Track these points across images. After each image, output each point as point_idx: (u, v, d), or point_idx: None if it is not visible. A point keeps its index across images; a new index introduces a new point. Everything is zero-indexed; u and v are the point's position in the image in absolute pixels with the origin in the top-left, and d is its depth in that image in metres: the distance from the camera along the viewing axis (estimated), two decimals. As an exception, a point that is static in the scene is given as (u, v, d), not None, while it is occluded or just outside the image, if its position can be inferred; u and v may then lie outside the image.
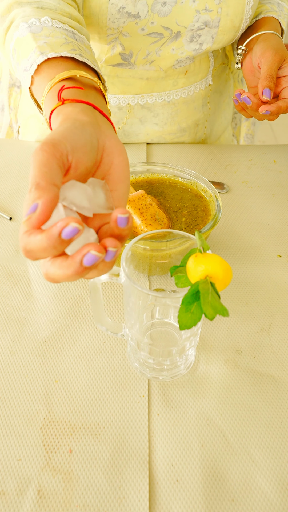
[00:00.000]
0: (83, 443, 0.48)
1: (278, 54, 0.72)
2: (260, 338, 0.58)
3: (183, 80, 0.85)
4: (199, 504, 0.44)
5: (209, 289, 0.40)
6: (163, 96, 0.85)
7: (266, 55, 0.73)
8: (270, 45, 0.74)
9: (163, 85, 0.84)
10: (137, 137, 0.91)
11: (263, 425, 0.50)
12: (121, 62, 0.79)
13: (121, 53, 0.77)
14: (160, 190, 0.71)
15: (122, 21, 0.72)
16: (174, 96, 0.85)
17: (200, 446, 0.48)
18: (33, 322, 0.60)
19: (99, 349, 0.57)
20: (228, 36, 0.79)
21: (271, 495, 0.45)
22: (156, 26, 0.73)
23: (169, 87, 0.84)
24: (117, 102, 0.85)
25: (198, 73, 0.86)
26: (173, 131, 0.91)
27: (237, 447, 0.48)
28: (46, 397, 0.52)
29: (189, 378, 0.54)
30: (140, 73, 0.81)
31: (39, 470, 0.46)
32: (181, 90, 0.85)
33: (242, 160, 0.90)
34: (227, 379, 0.54)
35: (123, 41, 0.75)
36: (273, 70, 0.71)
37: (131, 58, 0.78)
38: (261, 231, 0.74)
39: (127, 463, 0.47)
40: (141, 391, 0.53)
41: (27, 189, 0.81)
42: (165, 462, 0.47)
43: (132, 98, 0.84)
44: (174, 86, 0.85)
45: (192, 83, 0.86)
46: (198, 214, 0.67)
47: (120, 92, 0.84)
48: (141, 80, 0.82)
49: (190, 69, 0.84)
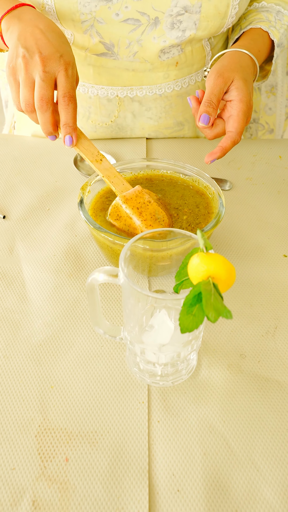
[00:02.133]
0: (80, 451, 0.48)
1: (221, 77, 0.69)
2: (265, 341, 0.58)
3: (175, 72, 0.84)
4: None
5: (211, 290, 0.40)
6: (154, 89, 0.85)
7: (209, 79, 0.70)
8: (218, 67, 0.71)
9: (153, 77, 0.83)
10: (133, 131, 0.91)
11: (268, 433, 0.50)
12: (105, 52, 0.79)
13: (103, 43, 0.77)
14: (160, 187, 0.71)
15: (93, 4, 0.72)
16: (166, 89, 0.85)
17: (202, 455, 0.48)
18: (27, 325, 0.60)
19: (97, 354, 0.57)
20: (214, 23, 0.77)
21: (276, 506, 0.45)
22: (131, 11, 0.73)
23: (160, 79, 0.84)
24: (105, 94, 0.85)
25: (192, 64, 0.85)
26: (169, 125, 0.91)
27: (241, 455, 0.48)
28: (41, 404, 0.52)
29: (190, 384, 0.54)
30: (125, 64, 0.81)
31: (34, 479, 0.46)
32: (174, 83, 0.85)
33: (246, 155, 0.90)
34: (230, 385, 0.54)
35: (99, 29, 0.75)
36: (213, 94, 0.68)
37: (113, 48, 0.78)
38: (266, 229, 0.74)
39: (126, 472, 0.47)
40: (140, 397, 0.53)
41: (21, 186, 0.81)
42: (166, 471, 0.47)
43: (121, 90, 0.84)
44: (166, 79, 0.84)
45: (187, 75, 0.85)
46: (200, 212, 0.67)
47: (108, 83, 0.84)
48: (127, 71, 0.82)
49: (181, 60, 0.83)
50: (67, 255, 0.69)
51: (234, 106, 0.69)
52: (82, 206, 0.64)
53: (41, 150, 0.89)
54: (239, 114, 0.68)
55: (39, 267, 0.67)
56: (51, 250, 0.69)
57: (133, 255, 0.56)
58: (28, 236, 0.72)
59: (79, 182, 0.82)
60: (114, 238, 0.59)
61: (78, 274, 0.66)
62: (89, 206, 0.67)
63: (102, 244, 0.63)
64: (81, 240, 0.71)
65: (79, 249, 0.70)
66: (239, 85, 0.69)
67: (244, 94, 0.68)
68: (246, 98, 0.68)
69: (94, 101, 0.86)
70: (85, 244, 0.71)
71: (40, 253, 0.69)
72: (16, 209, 0.76)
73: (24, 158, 0.87)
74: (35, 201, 0.78)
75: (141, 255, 0.58)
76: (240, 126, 0.68)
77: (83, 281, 0.65)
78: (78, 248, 0.70)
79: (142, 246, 0.55)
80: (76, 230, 0.73)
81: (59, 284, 0.65)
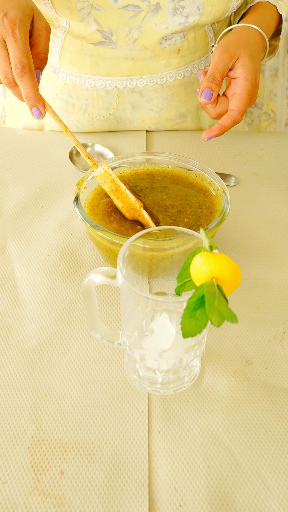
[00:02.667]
0: (76, 464, 0.48)
1: (227, 52, 0.69)
2: (272, 347, 0.58)
3: (177, 60, 0.84)
4: (204, 532, 0.44)
5: (215, 292, 0.40)
6: (155, 79, 0.85)
7: (214, 54, 0.71)
8: (224, 42, 0.72)
9: (153, 66, 0.84)
10: (132, 124, 0.91)
11: (276, 444, 0.50)
12: (102, 41, 0.79)
13: (100, 30, 0.77)
14: (164, 184, 0.71)
15: None
16: (167, 79, 0.85)
17: (205, 467, 0.48)
18: (20, 330, 0.60)
19: (94, 360, 0.57)
20: (218, 8, 0.77)
21: (284, 521, 0.45)
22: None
23: (161, 68, 0.84)
24: (104, 85, 0.85)
25: (195, 52, 0.85)
26: (171, 117, 0.91)
27: (247, 468, 0.48)
28: (35, 413, 0.52)
29: (193, 392, 0.54)
30: (124, 53, 0.81)
31: (27, 494, 0.46)
32: (176, 72, 0.85)
33: (253, 149, 0.90)
34: (235, 393, 0.54)
35: (97, 16, 0.75)
36: (216, 70, 0.69)
37: (112, 36, 0.78)
38: (273, 228, 0.74)
39: (124, 486, 0.47)
40: (140, 406, 0.53)
41: (13, 182, 0.81)
42: (167, 485, 0.47)
43: (120, 80, 0.84)
44: (167, 67, 0.84)
45: (189, 63, 0.86)
46: (202, 212, 0.67)
47: (106, 74, 0.84)
48: (126, 61, 0.82)
49: (183, 47, 0.83)
50: (62, 255, 0.69)
51: (238, 84, 0.69)
52: (78, 203, 0.64)
53: (34, 143, 0.89)
54: (243, 92, 0.68)
55: (32, 268, 0.67)
56: (45, 250, 0.69)
57: (132, 255, 0.56)
58: (21, 235, 0.72)
59: (74, 177, 0.82)
60: (112, 237, 0.59)
61: (74, 275, 0.66)
62: (86, 203, 0.67)
63: (99, 243, 0.63)
64: (77, 239, 0.71)
65: (75, 249, 0.70)
66: (245, 62, 0.69)
67: (249, 72, 0.69)
68: (251, 76, 0.69)
69: (91, 93, 0.86)
70: (81, 243, 0.71)
71: (33, 253, 0.69)
72: (7, 206, 0.76)
73: (16, 152, 0.87)
74: (28, 197, 0.78)
75: (141, 255, 0.58)
76: (243, 105, 0.68)
77: (79, 282, 0.65)
78: (73, 247, 0.70)
79: (142, 245, 0.55)
80: (71, 229, 0.73)
81: (54, 286, 0.65)
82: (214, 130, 0.69)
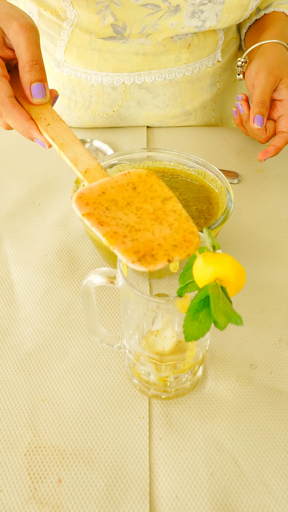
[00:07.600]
0: (74, 471, 0.48)
1: (272, 75, 0.76)
2: (278, 350, 0.58)
3: (186, 56, 0.85)
4: None
5: (219, 294, 0.40)
6: (164, 74, 0.85)
7: (259, 77, 0.76)
8: (266, 63, 0.77)
9: (163, 61, 0.84)
10: (135, 121, 0.91)
11: (281, 451, 0.50)
12: (113, 36, 0.79)
13: (113, 25, 0.77)
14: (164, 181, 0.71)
15: None
16: (176, 74, 0.86)
17: (208, 475, 0.48)
18: (16, 333, 0.60)
19: (92, 364, 0.57)
20: (235, 15, 0.81)
21: (290, 531, 0.45)
22: None
23: (170, 63, 0.85)
24: (111, 81, 0.85)
25: (204, 48, 0.86)
26: (176, 114, 0.91)
27: (251, 476, 0.48)
28: (32, 419, 0.52)
29: (196, 397, 0.54)
30: (135, 47, 0.81)
31: (24, 502, 0.46)
32: (184, 67, 0.86)
33: (257, 145, 0.90)
34: (239, 398, 0.54)
35: (115, 10, 0.75)
36: (265, 94, 0.75)
37: (124, 31, 0.78)
38: (278, 227, 0.74)
39: (124, 494, 0.47)
40: (140, 412, 0.53)
41: (9, 179, 0.81)
42: (169, 494, 0.47)
43: (128, 76, 0.85)
44: (177, 63, 0.85)
45: (198, 59, 0.86)
46: (205, 211, 0.67)
47: (114, 70, 0.84)
48: (137, 56, 0.82)
49: (193, 42, 0.84)
50: (59, 255, 0.69)
51: (285, 106, 0.76)
52: (76, 201, 0.63)
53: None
54: None
55: (29, 268, 0.67)
56: (42, 250, 0.69)
57: (132, 255, 0.56)
58: (17, 234, 0.72)
59: (73, 174, 0.82)
60: (111, 237, 0.59)
61: (72, 276, 0.66)
62: (84, 201, 0.67)
63: (98, 243, 0.63)
64: (75, 239, 0.71)
65: (73, 249, 0.70)
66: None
67: None
68: None
69: (97, 89, 0.86)
70: (79, 243, 0.71)
71: (30, 253, 0.69)
72: (3, 204, 0.76)
73: (12, 148, 0.87)
74: (24, 195, 0.78)
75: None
76: None
77: (77, 283, 0.65)
78: (72, 247, 0.70)
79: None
80: (69, 228, 0.73)
81: (51, 287, 0.65)
82: (270, 152, 0.76)
